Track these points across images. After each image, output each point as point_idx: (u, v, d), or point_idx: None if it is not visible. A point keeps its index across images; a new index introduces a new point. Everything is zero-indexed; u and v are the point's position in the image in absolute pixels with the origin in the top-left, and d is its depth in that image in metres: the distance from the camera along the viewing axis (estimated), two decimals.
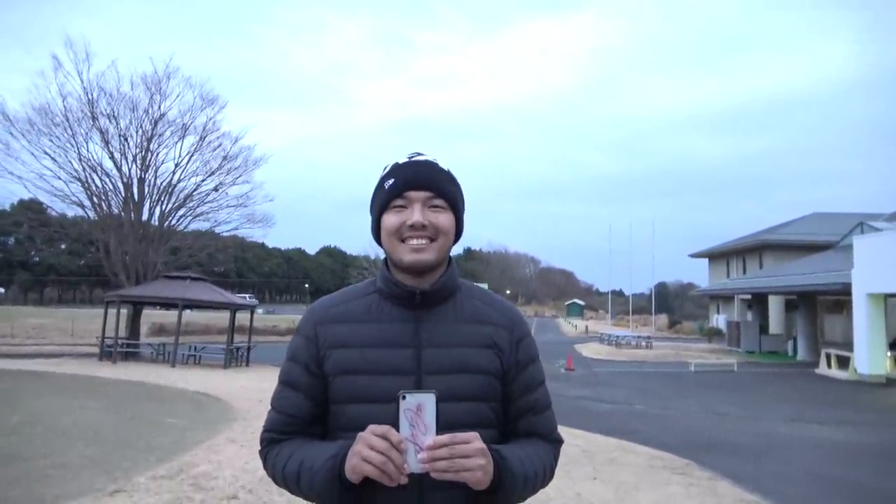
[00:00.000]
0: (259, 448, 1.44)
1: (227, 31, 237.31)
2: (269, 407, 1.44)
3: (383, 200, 1.38)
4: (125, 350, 22.27)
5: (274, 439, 1.38)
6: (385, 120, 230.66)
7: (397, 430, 1.15)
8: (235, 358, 21.99)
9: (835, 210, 36.08)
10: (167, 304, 24.62)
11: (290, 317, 48.16)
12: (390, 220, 1.37)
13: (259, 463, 5.24)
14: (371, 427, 1.16)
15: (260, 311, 35.95)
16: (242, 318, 26.65)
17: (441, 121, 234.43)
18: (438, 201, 1.37)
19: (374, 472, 1.14)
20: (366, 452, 1.14)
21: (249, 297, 43.73)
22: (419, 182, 1.36)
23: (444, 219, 1.37)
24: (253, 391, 13.59)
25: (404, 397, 1.16)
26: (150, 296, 22.83)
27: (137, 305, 24.48)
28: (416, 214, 1.34)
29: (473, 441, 1.15)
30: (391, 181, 1.37)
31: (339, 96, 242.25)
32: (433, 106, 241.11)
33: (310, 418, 1.37)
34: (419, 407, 1.15)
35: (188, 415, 10.35)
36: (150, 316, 32.15)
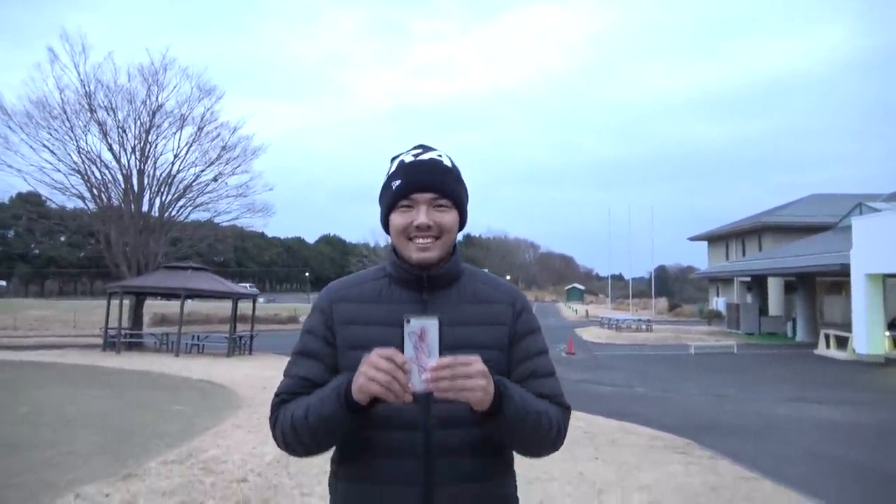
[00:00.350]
0: (269, 415, 1.47)
1: (223, 22, 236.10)
2: (282, 377, 1.48)
3: (390, 201, 1.45)
4: (128, 340, 22.41)
5: (284, 400, 1.43)
6: (382, 108, 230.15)
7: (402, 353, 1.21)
8: (238, 346, 22.13)
9: (835, 191, 36.09)
10: (169, 295, 24.73)
11: (291, 305, 48.27)
12: (397, 220, 1.43)
13: (267, 447, 5.36)
14: (376, 350, 1.21)
15: (261, 300, 36.05)
16: (244, 307, 26.77)
17: (438, 108, 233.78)
18: (443, 201, 1.43)
19: (379, 390, 1.19)
20: (372, 373, 1.19)
21: (250, 287, 43.82)
22: (424, 184, 1.42)
23: (449, 218, 1.44)
24: (256, 379, 13.71)
25: (409, 321, 1.22)
26: (152, 286, 22.91)
27: (139, 296, 24.57)
28: (421, 216, 1.41)
29: (475, 363, 1.21)
30: (398, 182, 1.43)
31: (336, 86, 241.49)
32: (430, 94, 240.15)
33: (322, 383, 1.41)
34: (423, 331, 1.21)
35: (194, 402, 10.47)
36: (152, 306, 32.28)
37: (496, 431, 1.33)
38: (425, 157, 1.47)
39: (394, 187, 1.44)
